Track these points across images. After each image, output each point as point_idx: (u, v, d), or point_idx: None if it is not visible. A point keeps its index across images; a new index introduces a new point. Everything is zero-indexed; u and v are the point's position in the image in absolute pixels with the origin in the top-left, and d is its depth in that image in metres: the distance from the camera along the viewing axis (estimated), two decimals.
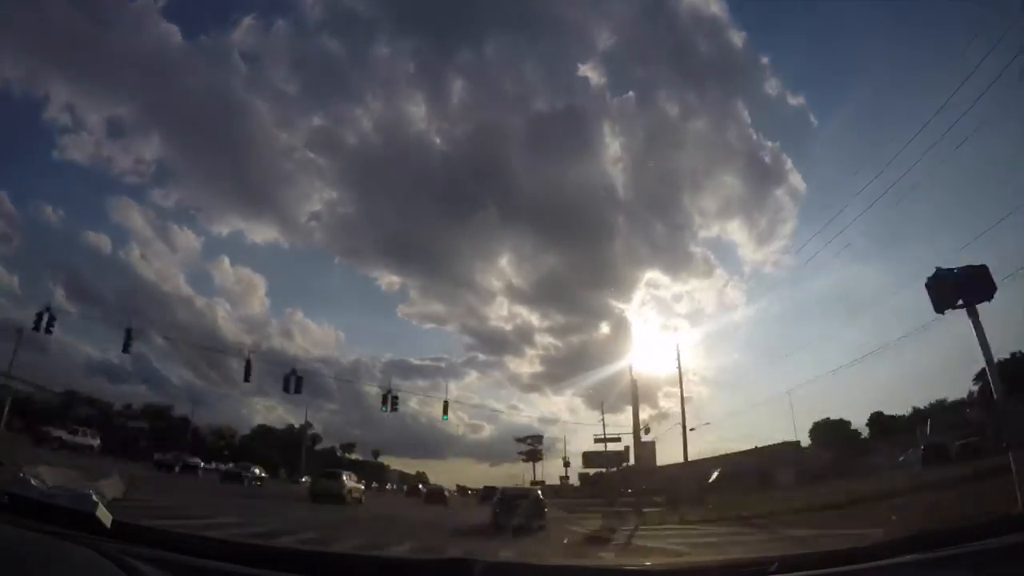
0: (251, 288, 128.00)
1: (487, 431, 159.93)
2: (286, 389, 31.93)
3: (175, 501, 15.48)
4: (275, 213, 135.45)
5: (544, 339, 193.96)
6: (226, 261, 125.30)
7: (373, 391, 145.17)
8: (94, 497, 1.50)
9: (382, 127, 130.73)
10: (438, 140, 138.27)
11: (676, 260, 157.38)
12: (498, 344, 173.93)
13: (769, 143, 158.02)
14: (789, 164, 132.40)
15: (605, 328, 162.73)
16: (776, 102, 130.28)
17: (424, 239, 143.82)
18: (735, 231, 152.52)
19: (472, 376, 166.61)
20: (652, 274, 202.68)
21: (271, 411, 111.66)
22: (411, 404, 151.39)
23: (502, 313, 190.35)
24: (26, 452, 22.51)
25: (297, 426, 74.65)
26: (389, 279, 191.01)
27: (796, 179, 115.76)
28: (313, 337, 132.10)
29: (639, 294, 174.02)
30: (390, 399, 32.78)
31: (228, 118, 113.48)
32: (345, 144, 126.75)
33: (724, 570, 1.97)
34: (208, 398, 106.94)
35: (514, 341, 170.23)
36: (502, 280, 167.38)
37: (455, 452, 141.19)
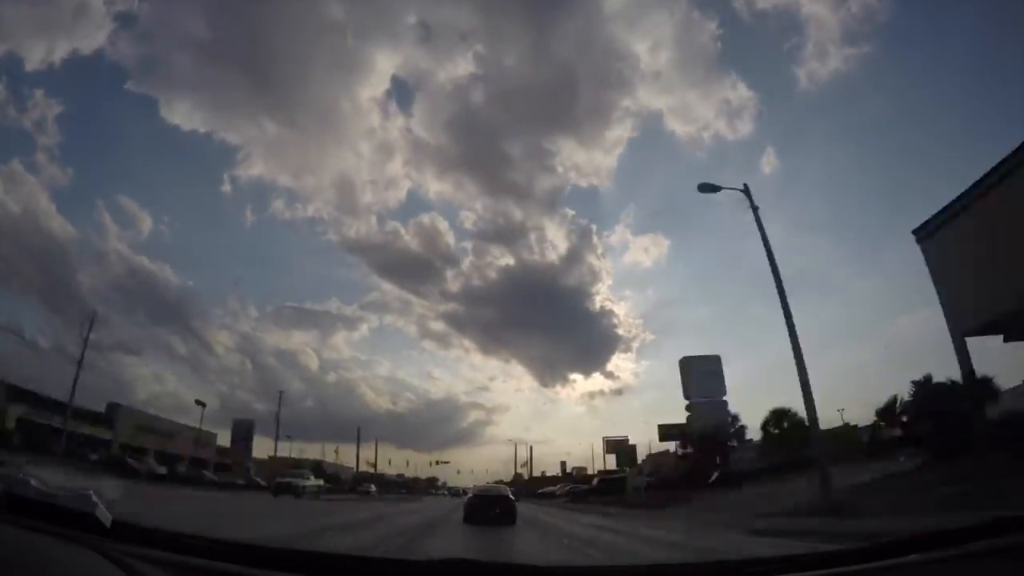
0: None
1: (404, 406, 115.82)
2: None
3: None
4: None
5: (466, 257, 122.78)
6: None
7: (273, 343, 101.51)
8: (94, 497, 1.50)
9: None
10: None
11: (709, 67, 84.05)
12: (398, 262, 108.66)
13: None
14: None
15: (561, 233, 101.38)
16: None
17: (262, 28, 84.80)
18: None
19: (365, 327, 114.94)
20: (666, 101, 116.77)
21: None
22: (310, 365, 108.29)
23: (398, 196, 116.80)
24: None
25: None
26: (221, 135, 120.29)
27: None
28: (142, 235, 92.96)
29: (626, 152, 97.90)
30: None
31: None
32: None
33: (724, 570, 1.96)
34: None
35: (424, 257, 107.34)
36: (394, 120, 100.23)
37: (369, 434, 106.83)
